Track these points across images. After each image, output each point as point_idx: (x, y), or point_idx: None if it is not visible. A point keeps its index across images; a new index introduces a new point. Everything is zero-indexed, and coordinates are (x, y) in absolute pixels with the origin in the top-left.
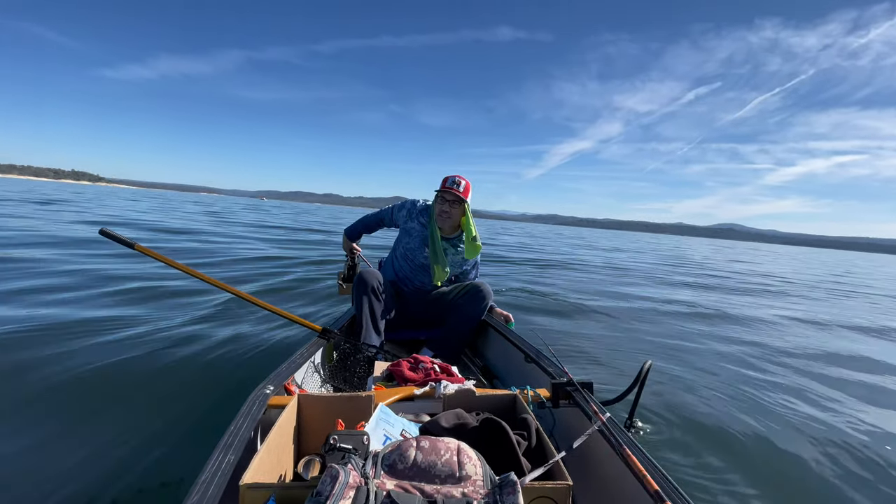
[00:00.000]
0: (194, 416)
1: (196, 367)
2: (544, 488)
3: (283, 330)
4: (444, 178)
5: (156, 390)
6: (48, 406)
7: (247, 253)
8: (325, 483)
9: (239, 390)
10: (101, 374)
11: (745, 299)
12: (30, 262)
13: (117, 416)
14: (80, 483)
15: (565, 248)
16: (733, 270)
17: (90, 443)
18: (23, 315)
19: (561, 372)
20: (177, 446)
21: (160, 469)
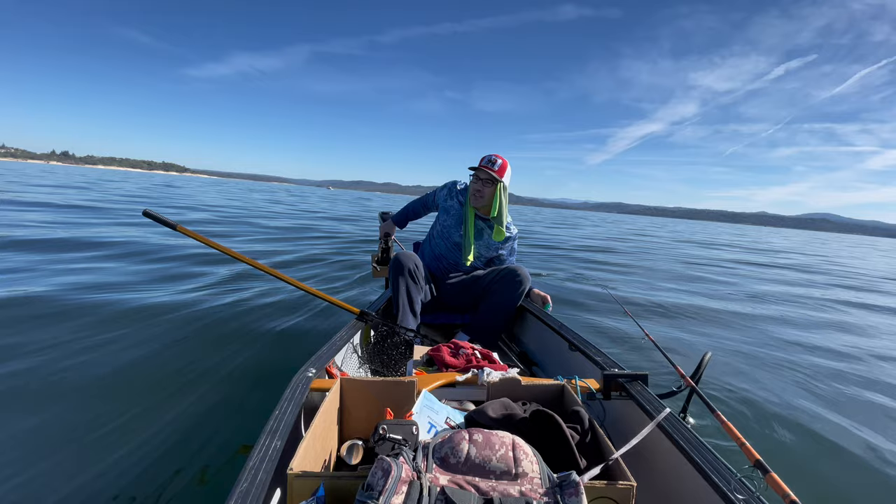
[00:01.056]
0: (237, 396)
1: (236, 347)
2: (606, 488)
3: (321, 312)
4: (483, 156)
5: (199, 370)
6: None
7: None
8: (375, 476)
9: (280, 371)
10: (146, 359)
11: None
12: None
13: (166, 400)
14: (134, 465)
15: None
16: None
17: (139, 427)
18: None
19: (610, 362)
20: (220, 427)
21: (208, 451)
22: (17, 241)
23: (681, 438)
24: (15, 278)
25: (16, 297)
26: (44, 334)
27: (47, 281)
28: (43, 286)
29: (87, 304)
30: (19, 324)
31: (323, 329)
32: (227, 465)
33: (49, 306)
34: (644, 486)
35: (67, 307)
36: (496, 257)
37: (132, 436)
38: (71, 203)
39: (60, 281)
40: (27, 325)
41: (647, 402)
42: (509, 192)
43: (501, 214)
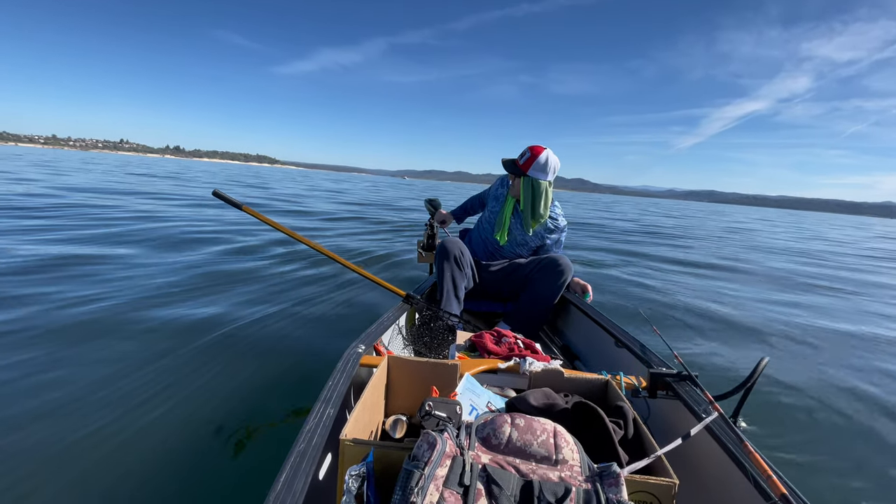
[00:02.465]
0: (292, 366)
1: (293, 322)
2: (647, 483)
3: (365, 293)
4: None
5: (259, 342)
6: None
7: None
8: (421, 448)
9: (329, 345)
10: (212, 331)
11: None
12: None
13: (234, 366)
14: (202, 420)
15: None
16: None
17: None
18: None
19: (658, 360)
20: (278, 394)
21: (268, 413)
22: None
23: (730, 442)
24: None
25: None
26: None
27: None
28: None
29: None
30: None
31: (370, 308)
32: (284, 428)
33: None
34: (687, 486)
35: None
36: (541, 247)
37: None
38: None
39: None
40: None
41: (696, 402)
42: (556, 179)
43: (528, 208)
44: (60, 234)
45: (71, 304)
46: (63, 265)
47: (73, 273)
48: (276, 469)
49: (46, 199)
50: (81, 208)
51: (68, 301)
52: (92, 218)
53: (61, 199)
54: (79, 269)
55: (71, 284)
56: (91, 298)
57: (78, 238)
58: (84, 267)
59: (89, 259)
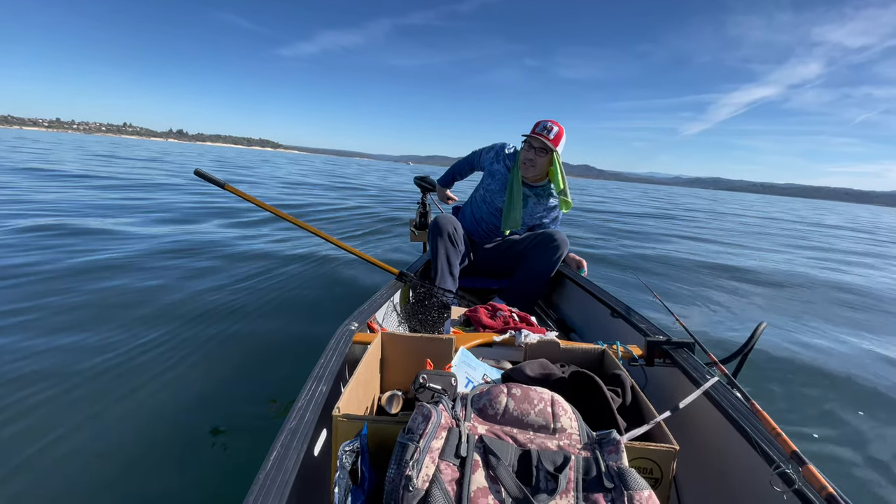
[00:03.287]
0: (284, 345)
1: (282, 301)
2: (646, 450)
3: (360, 271)
4: (537, 122)
5: (247, 321)
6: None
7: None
8: (416, 420)
9: (322, 324)
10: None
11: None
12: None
13: (221, 345)
14: (196, 399)
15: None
16: None
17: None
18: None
19: (655, 329)
20: (270, 373)
21: (259, 392)
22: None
23: (729, 407)
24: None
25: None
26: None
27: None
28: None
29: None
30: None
31: (362, 287)
32: (276, 404)
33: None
34: (687, 452)
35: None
36: (538, 225)
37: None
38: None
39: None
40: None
41: (693, 369)
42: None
43: (566, 185)
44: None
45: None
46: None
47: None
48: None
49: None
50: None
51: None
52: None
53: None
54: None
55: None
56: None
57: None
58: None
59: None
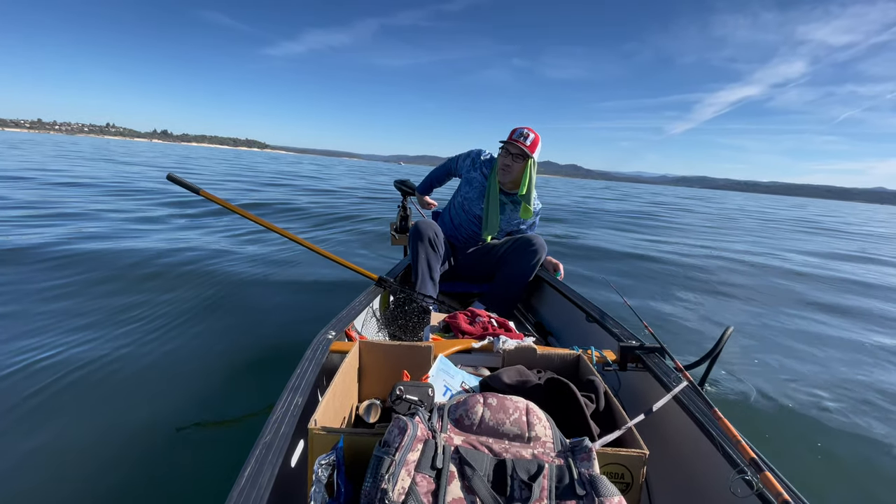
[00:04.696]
0: (258, 357)
1: (257, 310)
2: (617, 455)
3: (338, 277)
4: (513, 129)
5: (219, 332)
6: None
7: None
8: (392, 433)
9: (299, 333)
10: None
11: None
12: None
13: (192, 353)
14: (164, 408)
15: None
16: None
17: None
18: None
19: (628, 334)
20: (244, 384)
21: (231, 406)
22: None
23: (697, 411)
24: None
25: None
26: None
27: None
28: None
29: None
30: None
31: (341, 294)
32: (251, 419)
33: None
34: (657, 456)
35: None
36: (516, 231)
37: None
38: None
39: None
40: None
41: (664, 373)
42: (539, 164)
43: (530, 192)
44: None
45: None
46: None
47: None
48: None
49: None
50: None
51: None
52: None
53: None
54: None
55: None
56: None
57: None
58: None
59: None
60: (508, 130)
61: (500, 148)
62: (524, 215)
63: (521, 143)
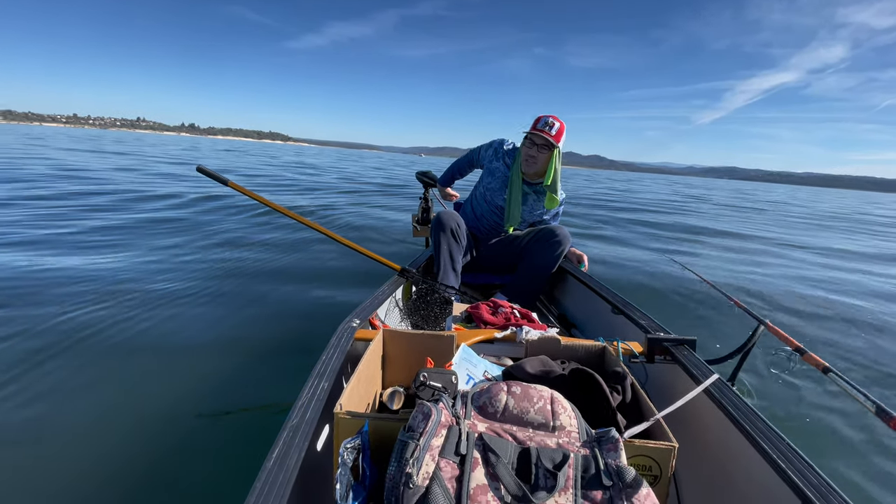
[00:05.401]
0: (284, 344)
1: (281, 298)
2: (646, 447)
3: (362, 267)
4: (537, 117)
5: (248, 320)
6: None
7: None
8: (416, 419)
9: (323, 321)
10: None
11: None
12: None
13: (222, 343)
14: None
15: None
16: None
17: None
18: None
19: (656, 326)
20: (270, 372)
21: (255, 391)
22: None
23: (728, 404)
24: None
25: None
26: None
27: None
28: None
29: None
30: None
31: (364, 284)
32: (278, 403)
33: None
34: (686, 449)
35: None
36: (539, 221)
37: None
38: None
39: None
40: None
41: (694, 366)
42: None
43: (556, 182)
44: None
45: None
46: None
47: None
48: (269, 447)
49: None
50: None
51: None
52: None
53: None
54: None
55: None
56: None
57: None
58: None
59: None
60: (529, 121)
61: (525, 138)
62: (549, 205)
63: (546, 132)
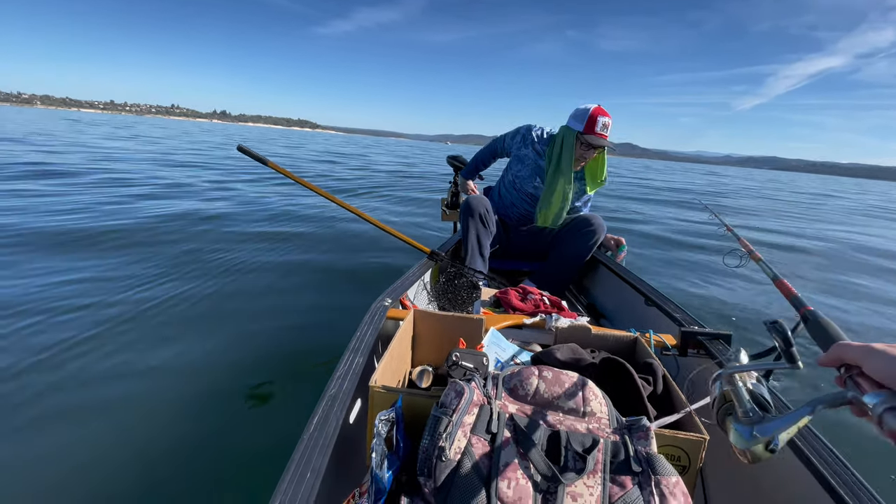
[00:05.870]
0: (318, 318)
1: (317, 275)
2: (676, 438)
3: (391, 248)
4: (589, 115)
5: (284, 295)
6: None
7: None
8: (449, 396)
9: (355, 300)
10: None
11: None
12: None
13: (262, 317)
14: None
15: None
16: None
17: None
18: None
19: (690, 319)
20: (306, 342)
21: (299, 359)
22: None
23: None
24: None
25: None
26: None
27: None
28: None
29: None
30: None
31: (392, 264)
32: (315, 373)
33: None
34: (717, 443)
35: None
36: (571, 209)
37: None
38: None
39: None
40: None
41: (728, 361)
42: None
43: (598, 173)
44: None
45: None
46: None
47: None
48: (306, 415)
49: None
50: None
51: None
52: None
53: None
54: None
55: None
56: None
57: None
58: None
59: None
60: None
61: (575, 138)
62: (591, 189)
63: (605, 136)
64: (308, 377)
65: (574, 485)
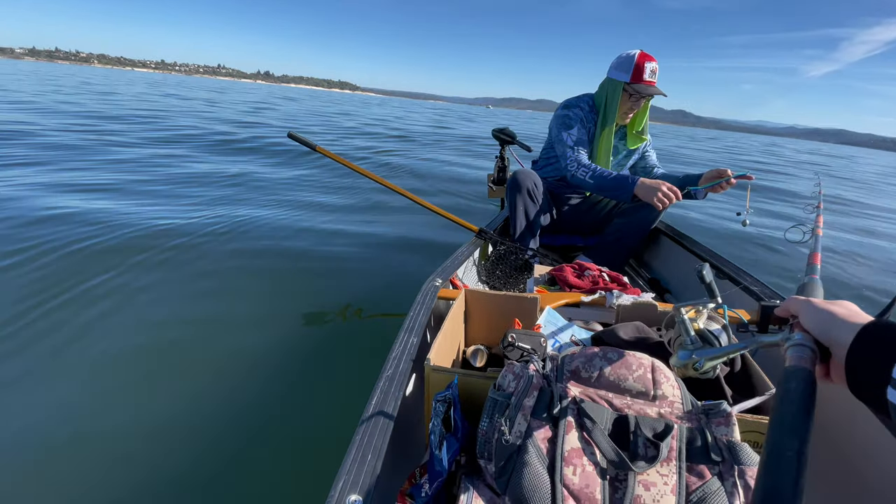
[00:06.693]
0: (371, 300)
1: (367, 258)
2: (759, 423)
3: (438, 227)
4: (635, 62)
5: (338, 277)
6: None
7: None
8: (506, 378)
9: (404, 279)
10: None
11: None
12: None
13: (315, 298)
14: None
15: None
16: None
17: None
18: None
19: (770, 293)
20: (359, 324)
21: (356, 343)
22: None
23: None
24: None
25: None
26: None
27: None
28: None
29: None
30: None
31: (441, 243)
32: (371, 352)
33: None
34: None
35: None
36: (642, 168)
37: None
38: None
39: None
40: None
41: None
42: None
43: (639, 124)
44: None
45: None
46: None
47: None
48: (366, 393)
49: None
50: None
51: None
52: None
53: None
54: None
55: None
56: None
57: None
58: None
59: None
60: (609, 69)
61: (622, 90)
62: (631, 144)
63: (654, 83)
64: (364, 359)
65: (646, 473)
